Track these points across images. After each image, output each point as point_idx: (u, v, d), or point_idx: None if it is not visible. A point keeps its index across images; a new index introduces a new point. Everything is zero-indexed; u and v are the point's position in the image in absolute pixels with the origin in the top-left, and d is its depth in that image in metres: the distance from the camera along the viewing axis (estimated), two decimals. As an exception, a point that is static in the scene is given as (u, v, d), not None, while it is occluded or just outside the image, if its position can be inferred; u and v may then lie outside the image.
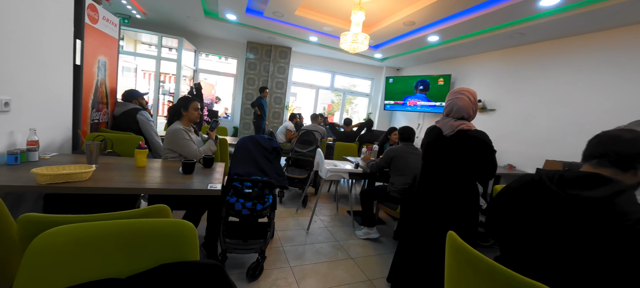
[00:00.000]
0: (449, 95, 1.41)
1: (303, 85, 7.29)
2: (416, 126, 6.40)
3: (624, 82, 3.18)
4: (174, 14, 5.26)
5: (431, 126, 1.47)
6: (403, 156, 2.22)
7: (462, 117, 1.33)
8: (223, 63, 9.84)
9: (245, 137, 2.20)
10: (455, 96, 1.36)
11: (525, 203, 0.85)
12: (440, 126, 1.38)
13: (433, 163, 1.41)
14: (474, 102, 1.36)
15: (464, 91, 1.37)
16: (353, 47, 3.74)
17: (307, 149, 3.36)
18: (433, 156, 1.40)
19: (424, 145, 1.49)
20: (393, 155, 2.24)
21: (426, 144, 1.45)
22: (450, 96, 1.38)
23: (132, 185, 1.32)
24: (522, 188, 0.88)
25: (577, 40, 3.61)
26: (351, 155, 3.72)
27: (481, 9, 3.45)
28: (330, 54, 6.54)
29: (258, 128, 5.73)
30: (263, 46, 6.44)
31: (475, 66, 5.08)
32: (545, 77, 3.95)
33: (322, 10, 4.49)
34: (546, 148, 3.85)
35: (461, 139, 1.30)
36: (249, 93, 6.54)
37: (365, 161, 2.62)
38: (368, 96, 7.64)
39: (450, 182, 1.34)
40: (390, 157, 2.25)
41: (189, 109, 2.00)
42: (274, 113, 6.62)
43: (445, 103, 1.42)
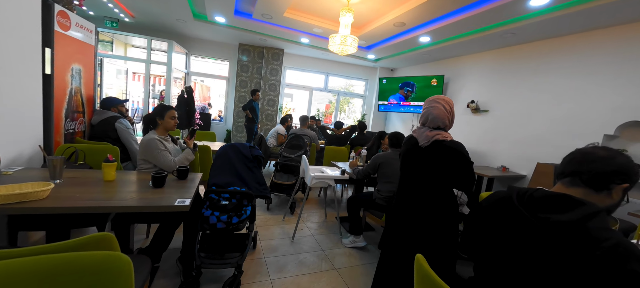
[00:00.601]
0: (425, 103, 1.35)
1: (297, 87, 7.23)
2: (410, 127, 6.35)
3: (617, 82, 3.13)
4: (163, 17, 5.19)
5: (408, 135, 1.41)
6: (390, 162, 2.16)
7: (437, 127, 1.28)
8: (219, 65, 9.79)
9: (226, 145, 2.14)
10: (430, 104, 1.30)
11: (497, 222, 0.79)
12: (416, 136, 1.32)
13: (410, 173, 1.35)
14: (449, 111, 1.30)
15: (439, 100, 1.31)
16: (342, 49, 3.69)
17: (295, 155, 3.30)
18: (409, 166, 1.34)
19: (401, 155, 1.43)
20: (380, 162, 2.18)
21: (403, 155, 1.39)
22: (426, 105, 1.32)
23: (94, 202, 1.25)
24: (493, 206, 0.82)
25: (569, 39, 3.56)
26: (341, 160, 3.66)
27: (471, 10, 3.40)
28: (323, 55, 6.48)
29: (250, 131, 5.67)
30: (255, 47, 6.38)
31: (469, 66, 5.03)
32: (538, 78, 3.90)
33: (312, 12, 4.43)
34: (539, 149, 3.81)
35: (437, 150, 1.24)
36: (241, 95, 6.47)
37: (352, 168, 2.56)
38: (362, 96, 7.58)
39: (427, 193, 1.28)
40: (377, 163, 2.19)
41: (165, 117, 1.93)
42: (267, 116, 6.55)
43: (423, 112, 1.36)
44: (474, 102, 4.77)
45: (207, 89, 10.80)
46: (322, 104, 11.54)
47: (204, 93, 10.75)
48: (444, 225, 1.28)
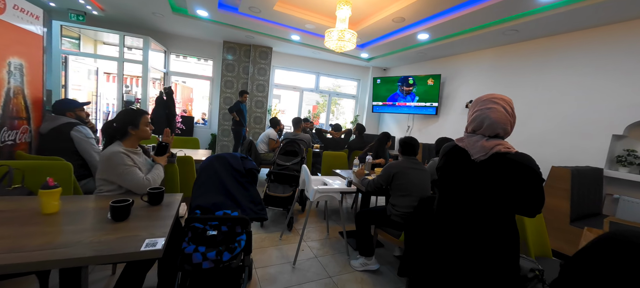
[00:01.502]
0: (476, 105, 1.05)
1: (286, 87, 6.85)
2: (406, 129, 6.15)
3: (625, 80, 3.01)
4: (137, 11, 4.66)
5: (450, 146, 1.11)
6: (406, 173, 1.87)
7: (496, 134, 0.98)
8: (202, 65, 9.22)
9: (211, 156, 1.75)
10: (485, 106, 1.00)
11: None
12: (466, 147, 1.02)
13: (457, 195, 1.05)
14: (511, 114, 1.01)
15: (497, 100, 1.01)
16: (339, 45, 3.37)
17: (291, 162, 2.94)
18: (457, 186, 1.04)
19: (441, 170, 1.13)
20: (394, 172, 1.87)
21: (445, 170, 1.09)
22: (479, 106, 1.02)
23: (17, 257, 0.85)
24: None
25: (573, 36, 3.44)
26: (341, 165, 3.34)
27: (476, 4, 3.19)
28: (314, 54, 6.15)
29: (237, 135, 5.24)
30: (241, 45, 5.95)
31: (466, 65, 4.87)
32: (541, 76, 3.77)
33: (304, 6, 4.09)
34: (545, 150, 3.67)
35: (498, 164, 0.95)
36: (227, 97, 6.02)
37: (359, 177, 2.24)
38: (355, 97, 7.32)
39: (482, 220, 0.99)
40: (390, 174, 1.89)
41: (139, 125, 1.52)
42: (256, 118, 6.14)
43: (471, 115, 1.06)
44: (473, 102, 4.60)
45: (189, 90, 10.19)
46: (310, 105, 11.19)
47: (186, 94, 10.10)
48: (503, 261, 0.99)
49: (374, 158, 2.92)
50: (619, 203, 3.03)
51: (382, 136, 3.15)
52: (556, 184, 2.67)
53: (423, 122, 5.77)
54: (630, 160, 3.00)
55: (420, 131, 5.85)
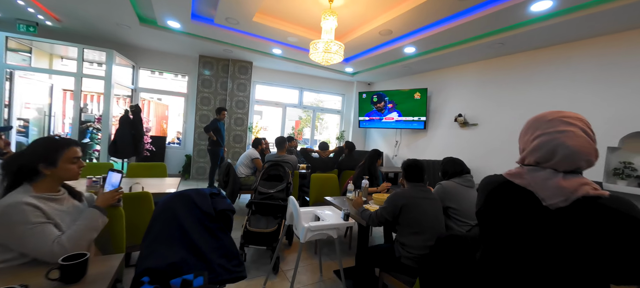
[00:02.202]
0: (535, 127, 0.76)
1: (268, 103, 6.50)
2: (394, 144, 5.96)
3: (616, 92, 2.98)
4: (100, 22, 4.19)
5: (498, 183, 0.80)
6: (416, 204, 1.55)
7: (575, 169, 0.69)
8: (180, 81, 8.66)
9: (171, 195, 1.34)
10: (555, 128, 0.71)
11: None
12: (530, 186, 0.71)
13: (520, 254, 0.74)
14: (593, 138, 0.72)
15: (571, 119, 0.72)
16: (325, 58, 3.11)
17: (275, 189, 2.55)
18: (518, 242, 0.73)
19: (486, 215, 0.82)
20: (402, 204, 1.56)
21: (496, 217, 0.78)
22: (544, 129, 0.73)
23: None
24: None
25: (562, 48, 3.42)
26: (332, 190, 2.99)
27: (467, 15, 3.08)
28: (297, 68, 5.89)
29: (214, 155, 4.76)
30: (219, 60, 5.57)
31: (453, 78, 4.81)
32: (529, 89, 3.72)
33: (286, 18, 3.83)
34: (538, 164, 3.55)
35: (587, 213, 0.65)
36: (203, 114, 5.55)
37: (357, 208, 1.91)
38: (340, 112, 7.10)
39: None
40: (397, 207, 1.57)
41: (58, 162, 1.09)
42: (235, 136, 5.69)
43: (529, 140, 0.77)
44: (462, 116, 4.51)
45: (164, 107, 9.55)
46: (292, 120, 10.86)
47: (161, 112, 9.43)
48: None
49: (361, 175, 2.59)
50: (621, 218, 2.91)
51: (372, 154, 2.86)
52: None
53: (411, 137, 5.61)
54: (627, 173, 2.91)
55: (408, 146, 5.68)
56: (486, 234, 0.84)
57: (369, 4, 3.25)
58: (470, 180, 1.88)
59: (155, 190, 2.11)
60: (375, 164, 2.81)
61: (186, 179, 5.51)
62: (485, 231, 0.85)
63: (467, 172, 1.91)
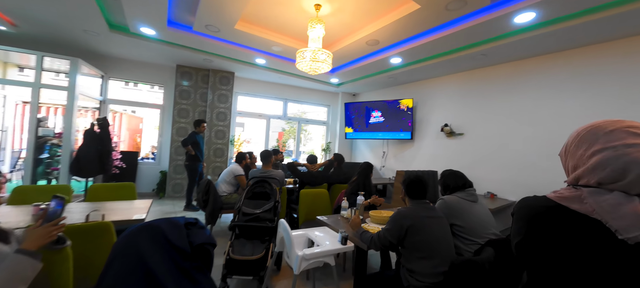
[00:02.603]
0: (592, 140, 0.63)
1: (251, 115, 6.25)
2: (381, 155, 5.89)
3: (590, 101, 3.09)
4: (64, 28, 3.82)
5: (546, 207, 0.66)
6: (423, 225, 1.40)
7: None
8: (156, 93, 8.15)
9: (135, 227, 1.09)
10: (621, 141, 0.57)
11: None
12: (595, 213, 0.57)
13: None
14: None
15: None
16: (313, 67, 2.97)
17: (261, 209, 2.31)
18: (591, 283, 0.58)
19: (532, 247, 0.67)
20: (408, 225, 1.39)
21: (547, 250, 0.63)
22: (604, 142, 0.60)
23: None
24: None
25: (539, 60, 3.53)
26: (324, 207, 2.79)
27: (454, 25, 3.10)
28: (282, 79, 5.73)
29: (193, 172, 4.41)
30: (198, 70, 5.29)
31: (437, 89, 4.86)
32: (512, 98, 3.80)
33: (270, 26, 3.69)
34: (524, 172, 3.59)
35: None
36: (181, 127, 5.19)
37: (355, 229, 1.72)
38: (325, 123, 6.98)
39: None
40: (403, 228, 1.40)
41: None
42: (216, 150, 5.35)
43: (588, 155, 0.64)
44: (448, 126, 4.53)
45: (139, 120, 8.96)
46: (275, 132, 10.59)
47: (134, 125, 8.83)
48: None
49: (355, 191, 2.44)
50: (608, 225, 2.94)
51: (365, 167, 2.71)
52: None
53: (398, 147, 5.57)
54: (610, 179, 2.97)
55: (395, 157, 5.63)
56: (535, 273, 0.69)
57: (356, 14, 3.19)
58: (474, 194, 1.77)
59: (119, 216, 1.81)
60: (370, 178, 2.65)
61: (161, 197, 5.06)
62: (532, 269, 0.69)
63: (470, 185, 1.80)
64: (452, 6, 2.67)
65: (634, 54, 2.83)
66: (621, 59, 2.91)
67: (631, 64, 2.84)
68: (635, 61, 2.82)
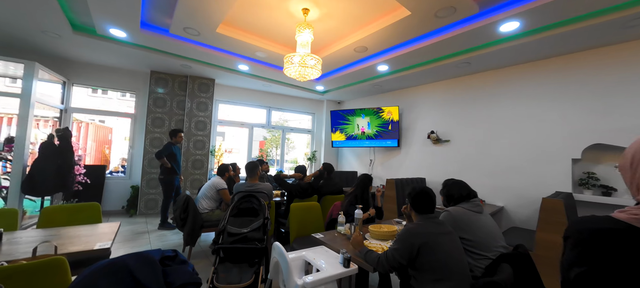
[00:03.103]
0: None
1: (232, 123, 5.96)
2: (368, 163, 5.82)
3: (571, 108, 3.20)
4: (19, 28, 3.39)
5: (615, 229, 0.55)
6: (436, 243, 1.27)
7: None
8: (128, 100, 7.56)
9: (93, 268, 0.85)
10: None
11: None
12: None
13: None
14: None
15: None
16: (302, 73, 2.83)
17: (249, 228, 2.08)
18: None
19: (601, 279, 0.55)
20: (420, 243, 1.26)
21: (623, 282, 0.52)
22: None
23: None
24: None
25: (521, 68, 3.64)
26: (316, 221, 2.60)
27: (442, 33, 3.11)
28: (265, 86, 5.52)
29: (169, 186, 4.04)
30: (175, 76, 4.95)
31: (422, 97, 4.90)
32: (496, 106, 3.88)
33: (254, 31, 3.51)
34: (511, 178, 3.65)
35: None
36: (155, 137, 4.79)
37: (358, 248, 1.56)
38: (310, 132, 6.83)
39: None
40: (415, 247, 1.26)
41: None
42: (195, 162, 4.99)
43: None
44: (435, 133, 4.55)
45: (108, 130, 8.28)
46: (257, 141, 10.25)
47: (103, 136, 8.13)
48: None
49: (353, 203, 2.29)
50: (592, 227, 3.02)
51: (363, 179, 2.56)
52: (551, 218, 2.46)
53: (385, 155, 5.53)
54: (592, 183, 3.07)
55: (382, 164, 5.58)
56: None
57: (345, 20, 3.11)
58: (479, 205, 1.68)
59: (78, 246, 1.52)
60: (368, 191, 2.51)
61: (132, 215, 4.60)
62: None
63: (475, 196, 1.72)
64: (441, 14, 2.66)
65: (605, 65, 2.99)
66: (593, 69, 3.06)
67: (602, 73, 3.00)
68: (605, 71, 2.98)
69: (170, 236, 3.64)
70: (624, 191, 2.95)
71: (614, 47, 2.94)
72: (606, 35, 2.74)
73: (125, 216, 4.55)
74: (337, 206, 2.67)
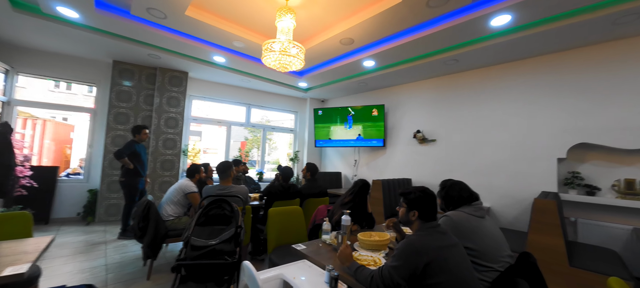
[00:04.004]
0: None
1: (209, 121, 5.52)
2: (353, 163, 5.62)
3: (556, 107, 3.17)
4: (-64, 0, 2.82)
5: None
6: (444, 260, 1.03)
7: None
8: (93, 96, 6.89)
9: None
10: None
11: None
12: None
13: None
14: None
15: None
16: (283, 62, 2.54)
17: (218, 239, 1.76)
18: None
19: None
20: (426, 262, 1.01)
21: None
22: None
23: None
24: None
25: (508, 67, 3.59)
26: (298, 227, 2.32)
27: (432, 26, 2.95)
28: (244, 82, 5.16)
29: (131, 189, 3.58)
30: (142, 68, 4.47)
31: (408, 95, 4.77)
32: (483, 104, 3.81)
33: (230, 17, 3.18)
34: (497, 178, 3.58)
35: None
36: (118, 135, 4.29)
37: (347, 263, 1.30)
38: (293, 131, 6.53)
39: None
40: (419, 266, 1.02)
41: None
42: (165, 162, 4.53)
43: None
44: (421, 132, 4.43)
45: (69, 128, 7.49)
46: (237, 141, 9.79)
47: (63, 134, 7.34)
48: None
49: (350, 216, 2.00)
50: (578, 226, 3.00)
51: (363, 185, 2.24)
52: (544, 219, 2.35)
53: (370, 155, 5.36)
54: (576, 182, 3.05)
55: (367, 165, 5.40)
56: None
57: (331, 7, 2.87)
58: (482, 209, 1.49)
59: None
60: (366, 201, 2.22)
61: (89, 222, 4.06)
62: None
63: (477, 198, 1.53)
64: (433, 3, 2.49)
65: (590, 64, 2.98)
66: (579, 68, 3.04)
67: (587, 72, 2.98)
68: (591, 70, 2.97)
69: (132, 246, 3.20)
70: (607, 190, 2.94)
71: (601, 46, 2.93)
72: (594, 32, 2.71)
73: (80, 224, 4.01)
74: (322, 210, 2.41)
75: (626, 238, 2.72)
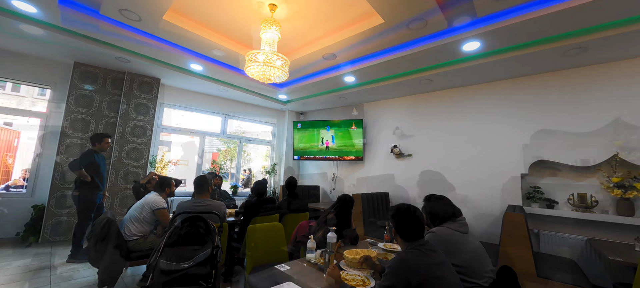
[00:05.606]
0: None
1: (181, 131, 5.20)
2: (331, 177, 5.60)
3: (517, 126, 3.47)
4: None
5: None
6: (436, 278, 1.02)
7: None
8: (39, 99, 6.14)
9: None
10: None
11: None
12: None
13: None
14: None
15: None
16: (266, 73, 2.49)
17: (191, 261, 1.60)
18: None
19: None
20: (417, 282, 0.98)
21: None
22: None
23: None
24: None
25: (477, 88, 3.87)
26: (278, 246, 2.20)
27: (410, 47, 3.10)
28: (222, 91, 4.98)
29: (86, 205, 3.19)
30: (108, 71, 4.13)
31: (385, 111, 4.93)
32: (451, 122, 4.05)
33: (211, 24, 3.08)
34: (467, 191, 3.76)
35: None
36: (74, 143, 3.85)
37: (335, 285, 1.23)
38: (270, 143, 6.38)
39: None
40: (412, 283, 0.99)
41: None
42: (128, 175, 4.14)
43: None
44: (397, 147, 4.57)
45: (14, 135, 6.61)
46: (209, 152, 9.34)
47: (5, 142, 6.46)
48: None
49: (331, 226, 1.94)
50: (541, 238, 3.22)
51: (347, 200, 2.18)
52: (514, 231, 2.48)
53: (348, 168, 5.38)
54: (537, 196, 3.31)
55: (346, 178, 5.41)
56: None
57: (315, 22, 2.90)
58: (466, 224, 1.53)
59: None
60: (350, 216, 2.17)
61: (32, 243, 3.52)
62: None
63: (460, 214, 1.56)
64: (414, 26, 2.63)
65: (546, 88, 3.32)
66: (537, 92, 3.38)
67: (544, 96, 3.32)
68: (547, 94, 3.31)
69: (83, 271, 2.81)
70: (563, 203, 3.22)
71: (556, 74, 3.28)
72: (549, 61, 3.03)
73: (20, 246, 3.46)
74: (303, 226, 2.32)
75: (581, 247, 2.97)
